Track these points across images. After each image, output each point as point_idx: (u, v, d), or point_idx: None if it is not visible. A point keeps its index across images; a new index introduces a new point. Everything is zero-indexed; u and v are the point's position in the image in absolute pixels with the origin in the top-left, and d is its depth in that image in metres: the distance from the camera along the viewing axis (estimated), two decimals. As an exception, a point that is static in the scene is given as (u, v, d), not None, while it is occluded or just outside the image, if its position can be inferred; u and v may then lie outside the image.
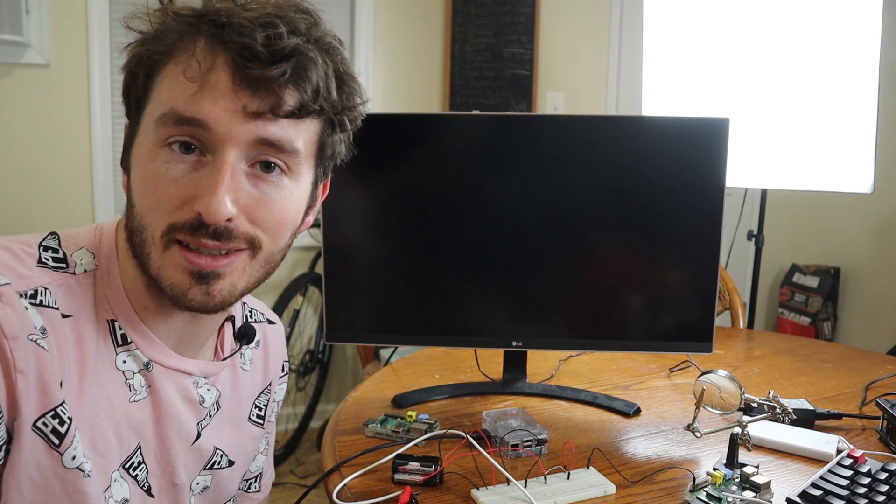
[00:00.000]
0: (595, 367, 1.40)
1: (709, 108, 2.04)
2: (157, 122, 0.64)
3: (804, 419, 1.09)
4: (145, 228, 0.65)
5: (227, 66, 0.62)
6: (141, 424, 0.71)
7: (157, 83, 0.65)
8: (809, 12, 1.91)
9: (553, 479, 0.90)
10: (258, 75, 0.61)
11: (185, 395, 0.75)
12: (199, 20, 0.64)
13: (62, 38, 2.49)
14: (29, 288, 0.63)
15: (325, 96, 0.66)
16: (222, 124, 0.62)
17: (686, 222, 1.11)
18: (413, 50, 3.08)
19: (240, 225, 0.65)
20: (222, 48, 0.62)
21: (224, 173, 0.62)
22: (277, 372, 0.94)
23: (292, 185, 0.68)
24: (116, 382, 0.68)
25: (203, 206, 0.62)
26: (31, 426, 0.60)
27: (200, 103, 0.62)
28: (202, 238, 0.63)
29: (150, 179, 0.64)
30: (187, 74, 0.62)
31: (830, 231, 3.07)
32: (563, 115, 1.84)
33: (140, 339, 0.70)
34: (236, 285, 0.68)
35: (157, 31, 0.65)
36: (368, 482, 0.91)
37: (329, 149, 0.72)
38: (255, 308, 0.92)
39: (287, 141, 0.65)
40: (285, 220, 0.69)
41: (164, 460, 0.74)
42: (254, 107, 0.63)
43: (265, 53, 0.61)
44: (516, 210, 1.12)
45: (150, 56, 0.65)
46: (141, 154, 0.65)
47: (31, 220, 2.52)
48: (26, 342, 0.59)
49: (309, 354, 2.89)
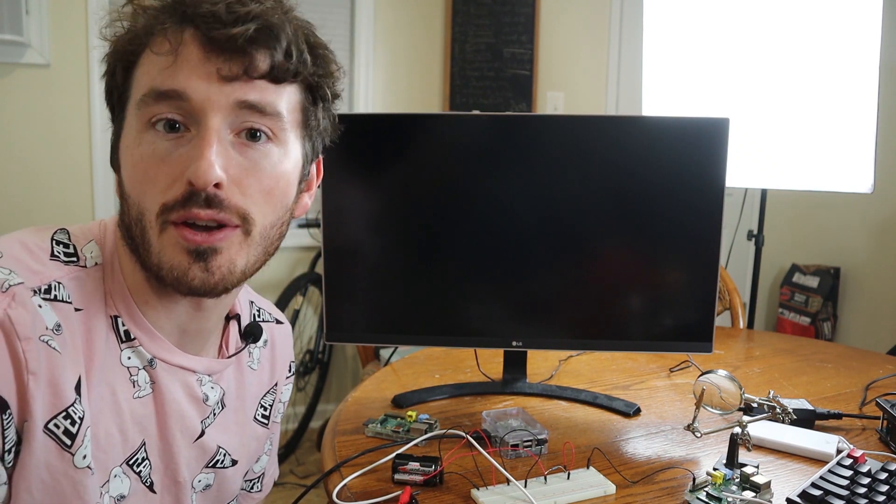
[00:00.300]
0: (595, 367, 1.40)
1: (709, 108, 2.04)
2: (137, 106, 0.65)
3: (804, 419, 1.09)
4: (142, 215, 0.65)
5: (195, 37, 0.64)
6: (145, 420, 0.71)
7: (135, 75, 0.66)
8: (809, 12, 1.91)
9: (553, 479, 0.90)
10: (224, 36, 0.63)
11: (189, 393, 0.75)
12: (167, 8, 0.65)
13: (62, 38, 2.49)
14: (43, 283, 0.63)
15: (298, 59, 0.67)
16: (200, 91, 0.63)
17: (686, 222, 1.11)
18: (413, 50, 3.08)
19: (231, 196, 0.65)
20: (189, 23, 0.64)
21: (210, 138, 0.63)
22: (284, 372, 0.94)
23: (280, 154, 0.68)
24: (122, 378, 0.69)
25: (192, 173, 0.62)
26: (42, 428, 0.60)
27: (176, 75, 0.63)
28: (193, 208, 0.63)
29: (138, 163, 0.65)
30: (159, 51, 0.64)
31: (830, 231, 3.07)
32: (563, 115, 1.84)
33: (143, 336, 0.70)
34: (235, 261, 0.67)
35: (130, 28, 0.67)
36: (368, 482, 0.91)
37: (313, 119, 0.73)
38: (263, 307, 0.92)
39: (268, 103, 0.66)
40: (274, 190, 0.68)
41: (167, 457, 0.74)
42: (227, 70, 0.63)
43: (228, 17, 0.63)
44: (516, 210, 1.12)
45: (126, 51, 0.67)
46: (128, 144, 0.66)
47: (32, 220, 2.52)
48: (38, 343, 0.60)
49: (309, 354, 2.89)
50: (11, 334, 0.58)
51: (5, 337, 0.58)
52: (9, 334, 0.58)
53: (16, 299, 0.60)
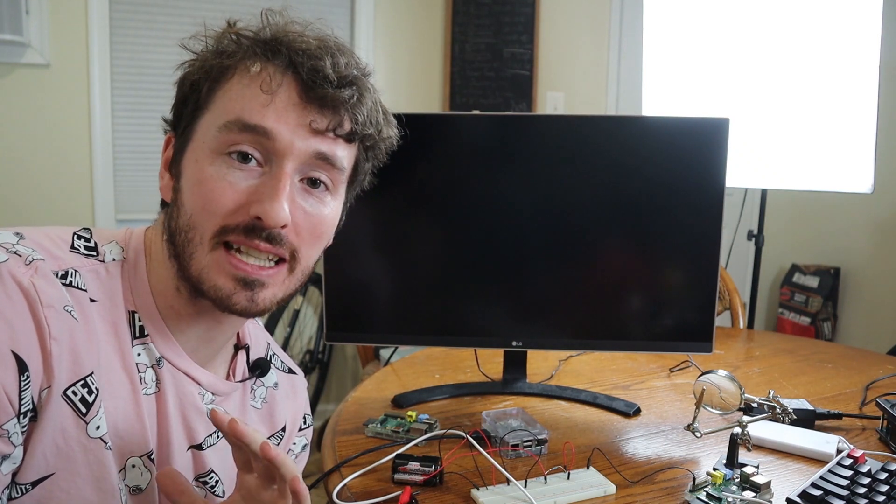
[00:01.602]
0: (595, 367, 1.40)
1: (709, 108, 2.04)
2: (220, 129, 0.68)
3: (804, 419, 1.09)
4: (193, 228, 0.68)
5: (296, 83, 0.68)
6: (149, 419, 0.72)
7: (219, 94, 0.70)
8: (809, 12, 1.91)
9: (553, 479, 0.90)
10: (329, 95, 0.68)
11: (191, 401, 0.75)
12: (266, 43, 0.69)
13: (62, 38, 2.49)
14: (60, 269, 0.66)
15: (373, 124, 0.74)
16: (286, 136, 0.67)
17: (686, 222, 1.11)
18: (413, 50, 3.08)
19: (289, 234, 0.69)
20: (293, 69, 0.68)
21: (285, 182, 0.67)
22: (297, 422, 0.92)
23: (332, 203, 0.74)
24: (132, 373, 0.70)
25: (263, 211, 0.66)
26: (61, 393, 0.62)
27: (268, 114, 0.67)
28: (255, 240, 0.67)
29: (206, 182, 0.67)
30: (263, 87, 0.68)
31: (830, 231, 3.07)
32: (563, 115, 1.84)
33: (156, 335, 0.72)
34: (277, 295, 0.72)
35: (219, 49, 0.70)
36: (368, 482, 0.91)
37: (361, 174, 0.79)
38: (279, 355, 0.93)
39: (339, 158, 0.71)
40: (323, 236, 0.74)
41: (161, 461, 0.74)
42: (319, 124, 0.69)
43: (334, 78, 0.68)
44: (516, 210, 1.12)
45: (217, 68, 0.70)
46: (197, 158, 0.69)
47: (32, 220, 2.52)
48: (62, 312, 0.62)
49: (309, 354, 2.89)
50: (35, 302, 0.61)
51: (29, 304, 0.61)
52: (33, 302, 0.61)
53: (38, 272, 0.63)
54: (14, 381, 0.59)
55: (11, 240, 0.65)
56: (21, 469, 0.62)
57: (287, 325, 2.76)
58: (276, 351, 0.93)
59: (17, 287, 0.61)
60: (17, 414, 0.60)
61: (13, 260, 0.62)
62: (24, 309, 0.60)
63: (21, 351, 0.60)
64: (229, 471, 0.81)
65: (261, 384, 0.87)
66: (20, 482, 0.62)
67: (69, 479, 0.64)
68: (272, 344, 0.93)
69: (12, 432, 0.60)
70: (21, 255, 0.63)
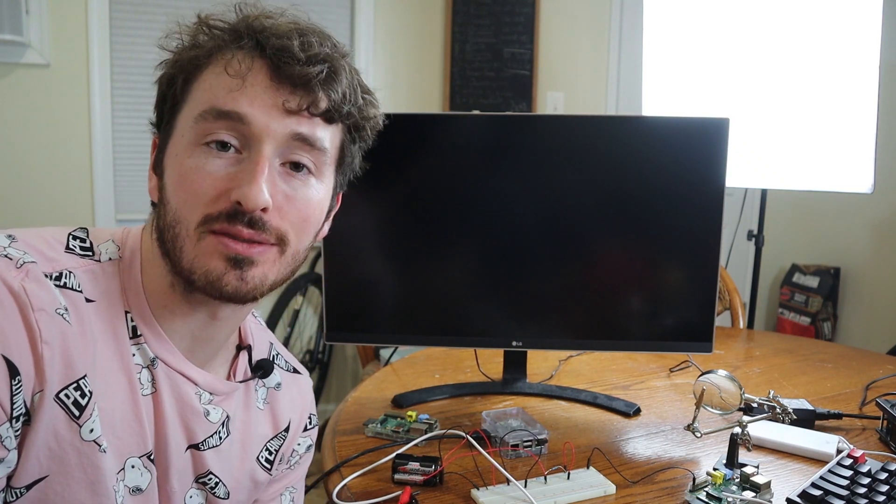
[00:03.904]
0: (595, 367, 1.40)
1: (709, 108, 2.04)
2: (196, 120, 0.67)
3: (804, 419, 1.09)
4: (179, 222, 0.67)
5: (266, 66, 0.68)
6: (147, 419, 0.71)
7: (194, 87, 0.69)
8: (809, 12, 1.91)
9: (553, 479, 0.90)
10: (297, 73, 0.67)
11: (187, 402, 0.75)
12: (236, 31, 0.69)
13: (62, 38, 2.49)
14: (54, 270, 0.65)
15: (351, 102, 0.72)
16: (261, 119, 0.67)
17: (686, 222, 1.11)
18: (413, 50, 3.08)
19: (272, 219, 0.68)
20: (261, 51, 0.68)
21: (262, 165, 0.67)
22: (302, 423, 0.91)
23: (318, 186, 0.73)
24: (131, 373, 0.70)
25: (242, 195, 0.65)
26: (53, 396, 0.62)
27: (240, 99, 0.67)
28: (238, 225, 0.66)
29: (186, 174, 0.67)
30: (229, 72, 0.67)
31: (830, 231, 3.07)
32: (563, 115, 1.84)
33: (150, 335, 0.71)
34: (267, 275, 0.71)
35: (194, 42, 0.70)
36: (368, 482, 0.91)
37: (349, 157, 0.77)
38: (282, 354, 0.92)
39: (318, 139, 0.70)
40: (310, 219, 0.73)
41: (160, 463, 0.74)
42: (291, 104, 0.68)
43: (302, 56, 0.67)
44: (516, 210, 1.12)
45: (190, 62, 0.70)
46: (177, 152, 0.69)
47: (32, 220, 2.52)
48: (53, 315, 0.62)
49: (309, 354, 2.89)
50: (26, 306, 0.60)
51: (20, 308, 0.60)
52: (24, 306, 0.60)
53: (29, 275, 0.62)
54: (5, 385, 0.59)
55: (3, 243, 0.65)
56: (16, 473, 0.62)
57: (287, 325, 2.76)
58: (279, 350, 0.92)
59: (8, 291, 0.60)
60: (10, 418, 0.60)
61: (3, 263, 0.62)
62: (14, 313, 0.60)
63: (12, 355, 0.59)
64: (230, 472, 0.81)
65: (262, 385, 0.86)
66: (15, 486, 0.62)
67: (63, 482, 0.64)
68: (275, 344, 0.92)
69: (5, 437, 0.60)
70: (12, 259, 0.63)
